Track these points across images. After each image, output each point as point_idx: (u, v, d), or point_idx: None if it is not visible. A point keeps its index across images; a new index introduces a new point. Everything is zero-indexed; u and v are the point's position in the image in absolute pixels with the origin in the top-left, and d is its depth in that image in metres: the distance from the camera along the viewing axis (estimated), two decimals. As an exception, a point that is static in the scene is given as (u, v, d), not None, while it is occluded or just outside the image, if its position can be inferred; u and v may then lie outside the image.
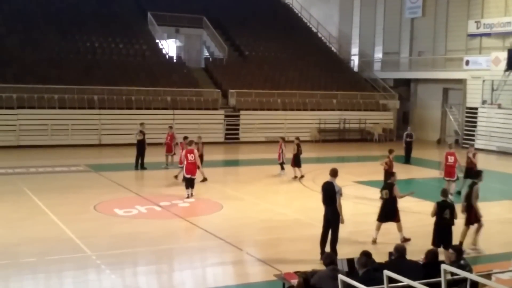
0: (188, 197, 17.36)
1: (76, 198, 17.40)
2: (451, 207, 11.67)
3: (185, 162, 17.59)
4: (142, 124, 23.41)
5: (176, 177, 19.98)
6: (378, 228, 13.24)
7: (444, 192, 12.09)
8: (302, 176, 21.10)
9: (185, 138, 19.96)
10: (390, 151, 18.84)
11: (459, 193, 19.16)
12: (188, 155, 17.57)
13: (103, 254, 11.93)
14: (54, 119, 29.09)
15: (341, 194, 11.68)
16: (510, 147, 30.40)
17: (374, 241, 13.07)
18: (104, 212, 15.67)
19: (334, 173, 11.91)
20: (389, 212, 13.17)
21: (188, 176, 17.49)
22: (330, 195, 11.62)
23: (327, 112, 35.26)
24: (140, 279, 11.18)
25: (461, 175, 18.78)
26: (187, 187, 17.51)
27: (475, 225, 12.84)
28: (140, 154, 22.67)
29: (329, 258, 8.28)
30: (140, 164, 22.69)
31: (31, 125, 28.69)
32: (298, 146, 21.26)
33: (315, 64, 39.04)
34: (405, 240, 12.96)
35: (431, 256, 8.54)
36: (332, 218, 11.65)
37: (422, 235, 13.88)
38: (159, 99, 31.88)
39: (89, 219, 14.91)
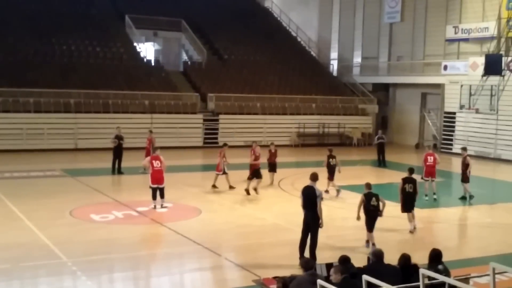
0: (155, 208, 16.33)
1: (51, 203, 17.12)
2: (376, 196, 13.06)
3: (150, 170, 16.49)
4: (118, 128, 23.16)
5: (214, 186, 19.72)
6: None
7: (368, 185, 13.35)
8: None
9: (225, 144, 20.42)
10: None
11: (464, 198, 19.25)
12: (154, 162, 16.52)
13: (79, 261, 11.71)
14: (29, 123, 28.65)
15: (321, 198, 11.67)
16: (487, 151, 30.70)
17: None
18: (80, 218, 15.42)
19: (314, 177, 11.93)
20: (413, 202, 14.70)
21: (154, 185, 16.38)
22: (311, 199, 11.56)
23: (307, 116, 35.30)
24: (117, 285, 11.02)
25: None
26: (153, 198, 16.35)
27: None
28: (117, 158, 22.42)
29: (308, 263, 8.22)
30: (117, 169, 22.43)
31: (6, 129, 28.17)
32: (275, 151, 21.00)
33: (294, 68, 39.08)
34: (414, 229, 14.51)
35: (403, 260, 8.54)
36: (312, 223, 11.58)
37: (401, 240, 13.92)
38: (137, 103, 31.61)
39: (64, 225, 14.67)
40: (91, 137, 29.42)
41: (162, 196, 16.55)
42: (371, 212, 13.04)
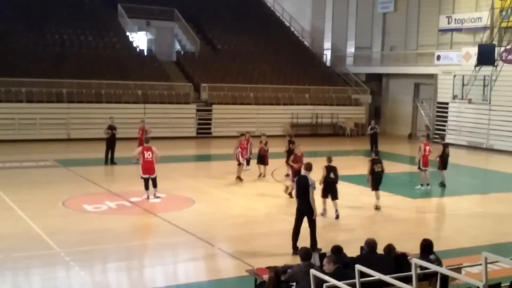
0: (147, 198, 16.34)
1: (44, 193, 17.07)
2: (335, 169, 14.94)
3: (141, 161, 16.41)
4: (111, 118, 23.08)
5: (239, 178, 19.50)
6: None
7: (329, 158, 15.25)
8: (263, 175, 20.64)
9: (242, 135, 20.40)
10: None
11: (443, 184, 19.38)
12: (145, 152, 16.37)
13: (72, 251, 11.69)
14: (22, 113, 28.51)
15: (314, 188, 11.73)
16: (480, 141, 30.80)
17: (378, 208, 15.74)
18: (73, 208, 15.38)
19: (308, 167, 12.10)
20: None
21: (146, 176, 16.33)
22: (304, 188, 11.62)
23: (300, 106, 35.27)
24: (110, 276, 11.00)
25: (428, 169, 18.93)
26: (146, 188, 16.36)
27: None
28: (110, 148, 22.36)
29: (307, 253, 8.23)
30: (110, 159, 22.37)
31: (-2, 119, 28.07)
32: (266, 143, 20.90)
33: (287, 59, 38.99)
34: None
35: (387, 249, 8.60)
36: (307, 212, 11.63)
37: (393, 229, 13.99)
38: (130, 93, 31.49)
39: (57, 215, 14.63)
40: (83, 127, 29.29)
41: (154, 185, 16.50)
42: (328, 183, 14.90)
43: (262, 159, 20.35)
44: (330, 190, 14.89)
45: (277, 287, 7.61)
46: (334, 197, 14.87)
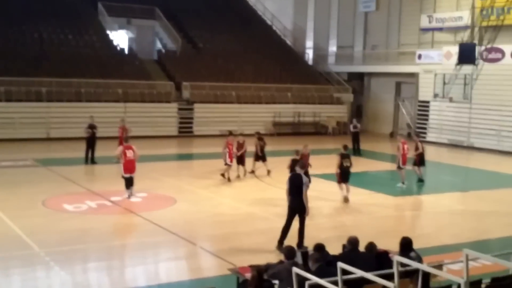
0: (128, 197, 16.34)
1: (23, 193, 16.86)
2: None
3: (123, 160, 16.46)
4: (91, 117, 22.87)
5: (223, 175, 19.32)
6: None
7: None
8: (252, 171, 20.63)
9: (230, 133, 20.21)
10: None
11: (421, 180, 19.52)
12: (127, 151, 16.32)
13: (52, 251, 11.56)
14: (0, 112, 28.13)
15: (307, 186, 11.80)
16: (460, 140, 31.05)
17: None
18: (53, 208, 15.21)
19: (302, 165, 12.37)
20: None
21: (127, 175, 16.32)
22: (298, 186, 11.68)
23: (282, 105, 35.26)
24: (91, 276, 10.88)
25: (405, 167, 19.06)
26: (127, 187, 16.33)
27: None
28: (90, 148, 22.15)
29: (291, 252, 8.21)
30: (90, 158, 22.16)
31: (-24, 119, 27.69)
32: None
33: (269, 57, 38.97)
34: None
35: (369, 247, 8.62)
36: (300, 210, 11.68)
37: (375, 227, 14.03)
38: (110, 92, 31.23)
39: (37, 215, 14.45)
40: (63, 126, 29.00)
41: (132, 184, 16.47)
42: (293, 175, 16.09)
43: (241, 159, 20.15)
44: (345, 175, 16.46)
45: (259, 286, 7.57)
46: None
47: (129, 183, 16.34)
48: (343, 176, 16.55)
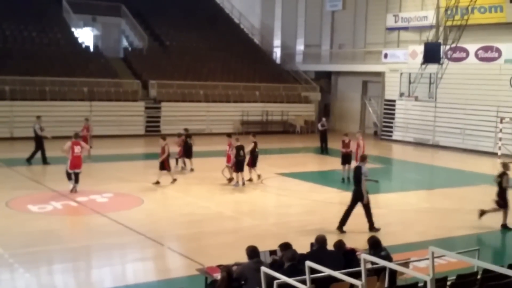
0: (72, 191, 16.44)
1: (-14, 194, 16.48)
2: (243, 148, 18.23)
3: (70, 156, 16.63)
4: (39, 117, 22.41)
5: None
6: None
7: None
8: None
9: (180, 135, 20.64)
10: None
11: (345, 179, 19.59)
12: (75, 147, 16.75)
13: (16, 253, 11.35)
14: (-38, 111, 27.54)
15: (366, 177, 13.27)
16: (426, 138, 31.48)
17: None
18: (17, 209, 14.93)
19: (363, 159, 13.92)
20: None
21: (72, 171, 16.60)
22: (357, 176, 13.42)
23: (250, 104, 35.23)
24: (57, 277, 10.71)
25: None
26: (69, 179, 16.59)
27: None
28: (40, 149, 21.70)
29: (254, 251, 8.19)
30: (42, 160, 21.72)
31: None
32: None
33: (237, 56, 38.92)
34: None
35: (337, 245, 8.68)
36: (360, 197, 13.31)
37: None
38: (75, 90, 30.75)
39: (1, 216, 14.18)
40: (27, 126, 28.29)
41: (77, 180, 16.70)
42: (239, 161, 18.17)
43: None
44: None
45: (229, 287, 7.55)
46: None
47: (71, 176, 16.60)
48: (239, 165, 18.11)
